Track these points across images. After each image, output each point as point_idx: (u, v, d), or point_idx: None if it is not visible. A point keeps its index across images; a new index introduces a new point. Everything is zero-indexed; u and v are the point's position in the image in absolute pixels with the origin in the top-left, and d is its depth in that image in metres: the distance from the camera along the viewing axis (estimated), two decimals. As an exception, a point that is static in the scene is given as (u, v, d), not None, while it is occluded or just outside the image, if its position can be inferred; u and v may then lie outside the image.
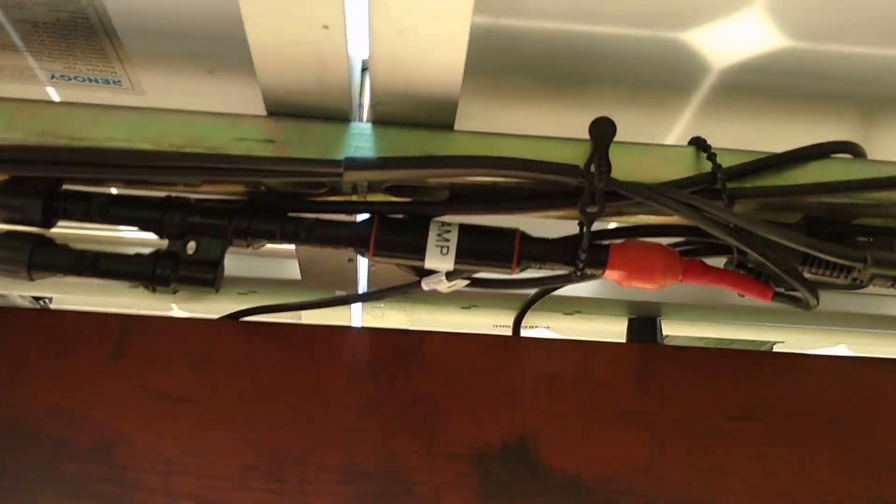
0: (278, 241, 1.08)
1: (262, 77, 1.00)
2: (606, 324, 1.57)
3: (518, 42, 1.04)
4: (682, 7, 0.99)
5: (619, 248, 1.07)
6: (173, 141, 1.04)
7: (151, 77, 1.15)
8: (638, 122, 1.13)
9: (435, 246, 1.06)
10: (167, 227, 1.07)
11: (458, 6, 0.86)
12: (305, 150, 1.03)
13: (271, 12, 0.89)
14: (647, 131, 1.15)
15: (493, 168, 1.01)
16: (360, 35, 1.02)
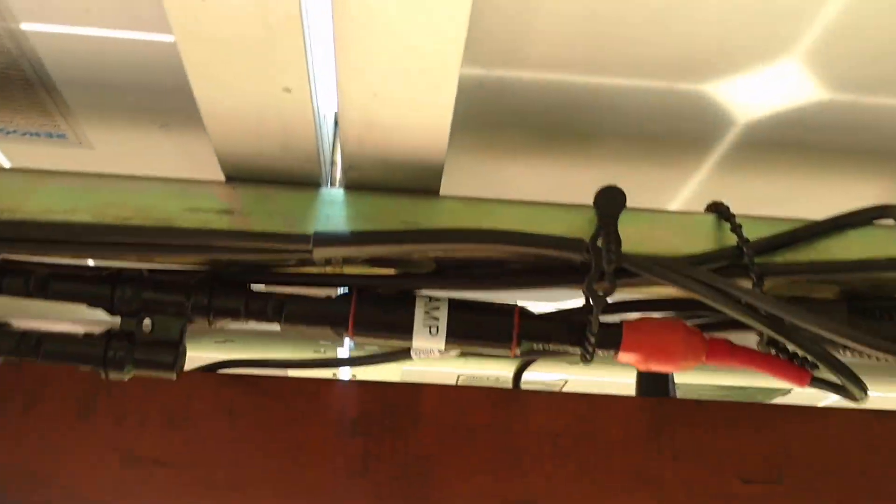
0: (243, 320, 0.94)
1: (216, 141, 0.86)
2: (614, 372, 1.44)
3: (513, 94, 0.91)
4: (710, 58, 0.85)
5: (633, 327, 0.94)
6: (118, 212, 0.90)
7: (98, 131, 1.01)
8: (645, 179, 0.99)
9: (423, 325, 0.92)
10: (118, 304, 0.94)
11: (442, 68, 0.73)
12: (268, 222, 0.90)
13: (222, 76, 0.75)
14: (653, 189, 1.02)
15: (486, 243, 0.88)
16: (330, 94, 0.88)
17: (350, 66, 0.73)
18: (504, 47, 0.84)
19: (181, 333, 0.94)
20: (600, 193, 0.88)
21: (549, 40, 0.84)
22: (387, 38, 0.69)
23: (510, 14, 0.78)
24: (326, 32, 0.78)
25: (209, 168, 0.93)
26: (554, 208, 0.92)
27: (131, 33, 0.85)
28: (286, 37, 0.70)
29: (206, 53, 0.73)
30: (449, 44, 0.70)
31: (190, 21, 0.69)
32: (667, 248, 0.91)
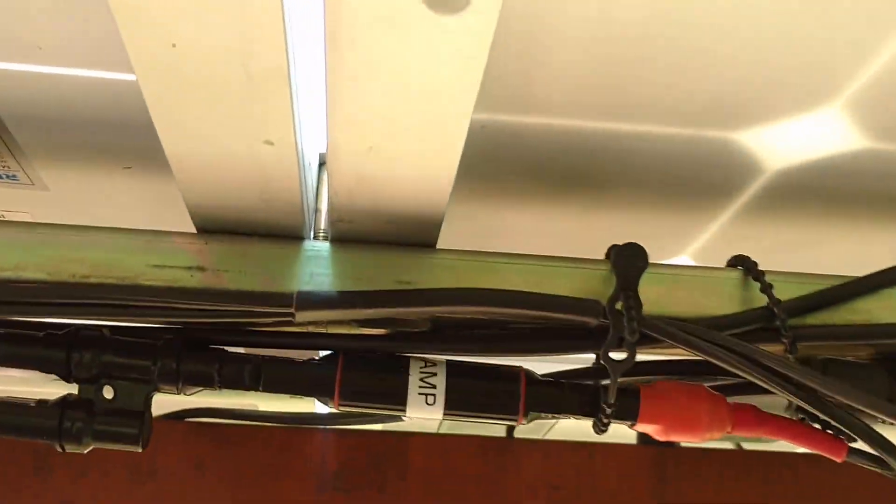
0: (217, 387, 0.84)
1: (186, 193, 0.75)
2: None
3: (518, 140, 0.81)
4: (744, 105, 0.76)
5: (652, 395, 0.84)
6: (74, 268, 0.79)
7: (53, 171, 0.91)
8: (658, 228, 0.90)
9: (418, 394, 0.82)
10: (75, 370, 0.83)
11: (451, 121, 0.63)
12: (245, 281, 0.80)
13: (194, 128, 0.65)
14: (667, 238, 0.93)
15: (490, 305, 0.78)
16: (315, 137, 0.78)
17: (343, 119, 0.63)
18: (510, 91, 0.74)
19: (146, 402, 0.84)
20: (619, 251, 0.79)
21: (562, 84, 0.75)
22: (388, 89, 0.59)
23: (519, 56, 0.69)
24: (315, 78, 0.68)
25: (179, 216, 0.82)
26: (563, 264, 0.83)
27: (90, 72, 0.75)
28: (270, 89, 0.60)
29: (176, 104, 0.62)
30: (461, 94, 0.60)
31: (158, 70, 0.59)
32: (690, 309, 0.82)
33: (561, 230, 0.93)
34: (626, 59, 0.72)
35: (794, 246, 0.92)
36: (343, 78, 0.58)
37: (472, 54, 0.56)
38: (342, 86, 0.59)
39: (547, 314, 0.78)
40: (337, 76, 0.58)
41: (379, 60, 0.57)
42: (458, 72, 0.57)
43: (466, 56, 0.56)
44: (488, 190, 0.88)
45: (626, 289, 0.78)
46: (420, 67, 0.57)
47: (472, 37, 0.54)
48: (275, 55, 0.57)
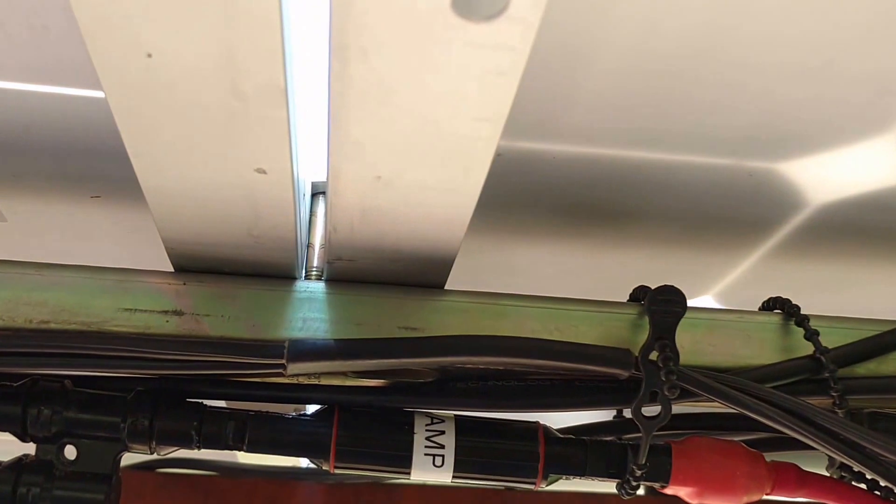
0: (196, 447, 0.74)
1: (162, 226, 0.66)
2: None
3: (539, 169, 0.72)
4: (791, 134, 0.67)
5: (684, 452, 0.75)
6: (32, 313, 0.70)
7: (10, 200, 0.80)
8: (685, 265, 0.81)
9: (424, 454, 0.73)
10: (32, 427, 0.73)
11: (474, 150, 0.53)
12: (229, 327, 0.70)
13: (173, 156, 0.55)
14: (694, 275, 0.84)
15: (507, 355, 0.69)
16: (310, 162, 0.69)
17: (348, 144, 0.53)
18: (533, 116, 0.65)
19: (115, 463, 0.74)
20: (654, 294, 0.69)
21: (592, 109, 0.66)
22: (404, 109, 0.50)
23: (546, 77, 0.59)
24: (312, 95, 0.59)
25: (154, 252, 0.72)
26: (586, 307, 0.74)
27: (51, 88, 0.65)
28: (264, 108, 0.50)
29: (152, 125, 0.52)
30: (490, 117, 0.51)
31: (130, 85, 0.49)
32: (727, 359, 0.74)
33: (577, 268, 0.84)
34: (665, 90, 0.63)
35: (826, 287, 0.83)
36: (350, 95, 0.49)
37: (506, 70, 0.47)
38: (349, 104, 0.50)
39: (573, 365, 0.69)
40: (343, 93, 0.49)
41: (394, 75, 0.47)
42: (487, 91, 0.48)
43: (498, 72, 0.47)
44: (500, 224, 0.79)
45: (661, 337, 0.69)
46: (443, 84, 0.48)
47: (507, 50, 0.45)
48: (270, 69, 0.48)
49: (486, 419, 0.76)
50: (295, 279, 0.73)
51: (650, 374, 0.68)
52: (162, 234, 0.67)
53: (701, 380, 0.69)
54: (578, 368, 0.69)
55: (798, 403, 0.69)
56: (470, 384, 0.75)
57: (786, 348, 0.75)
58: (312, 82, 0.57)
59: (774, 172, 0.72)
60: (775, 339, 0.75)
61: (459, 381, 0.75)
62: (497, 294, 0.73)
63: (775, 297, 0.77)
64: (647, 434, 0.71)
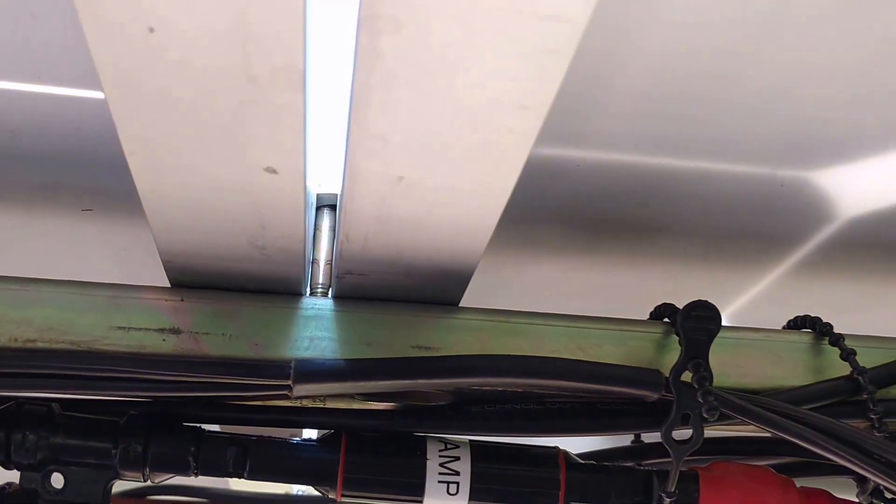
0: (193, 473, 0.65)
1: (160, 234, 0.57)
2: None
3: (560, 177, 0.65)
4: (829, 141, 0.60)
5: (712, 479, 0.68)
6: (17, 331, 0.61)
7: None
8: (703, 281, 0.73)
9: (438, 482, 0.64)
10: (16, 453, 0.64)
11: (510, 147, 0.45)
12: (229, 346, 0.62)
13: (174, 150, 0.47)
14: (713, 292, 0.76)
15: (528, 376, 0.60)
16: (318, 169, 0.60)
17: (370, 137, 0.45)
18: (559, 121, 0.57)
19: (105, 493, 0.66)
20: (687, 311, 0.61)
21: (620, 116, 0.59)
22: (439, 95, 0.42)
23: (571, 85, 0.52)
24: (330, 86, 0.51)
25: (149, 268, 0.64)
26: (608, 325, 0.66)
27: (38, 87, 0.56)
28: (280, 97, 0.42)
29: (151, 114, 0.44)
30: (534, 105, 0.43)
31: (129, 66, 0.41)
32: (757, 380, 0.66)
33: (592, 286, 0.77)
34: (697, 96, 0.56)
35: (847, 306, 0.76)
36: (377, 78, 0.41)
37: (559, 47, 0.39)
38: (374, 89, 0.42)
39: (599, 387, 0.61)
40: (368, 75, 0.41)
41: (432, 52, 0.39)
42: (536, 72, 0.40)
43: (552, 49, 0.39)
44: (515, 239, 0.71)
45: (694, 357, 0.61)
46: (489, 63, 0.40)
47: (565, 22, 0.37)
48: (289, 48, 0.40)
49: (503, 444, 0.67)
50: (301, 295, 0.64)
51: (683, 396, 0.61)
52: (159, 245, 0.58)
53: (737, 402, 0.61)
54: (605, 390, 0.61)
55: (841, 426, 0.61)
56: (486, 407, 0.67)
57: (817, 369, 0.67)
58: (329, 66, 0.49)
59: (807, 182, 0.65)
60: (806, 360, 0.67)
61: (474, 404, 0.67)
62: (515, 312, 0.65)
63: (803, 315, 0.69)
64: (678, 460, 0.63)
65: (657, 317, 0.68)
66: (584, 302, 0.67)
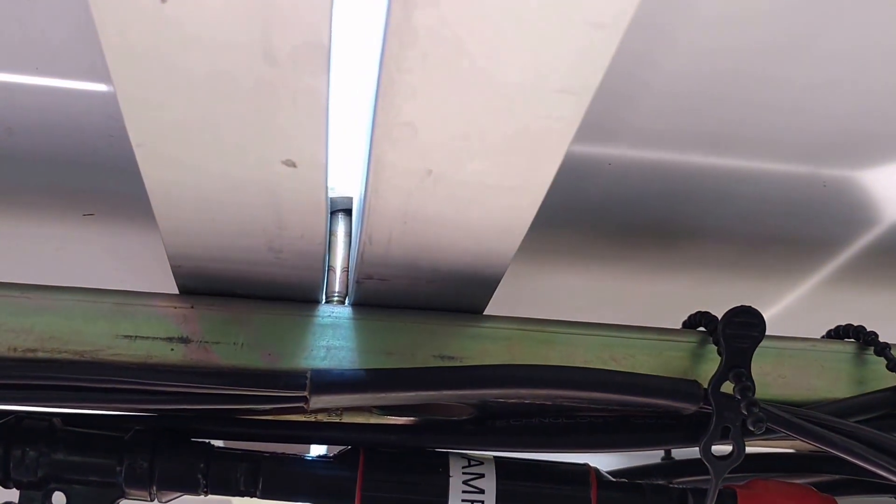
0: (203, 492, 0.61)
1: (168, 237, 0.53)
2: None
3: (592, 177, 0.61)
4: (878, 135, 0.56)
5: (751, 497, 0.64)
6: (17, 340, 0.57)
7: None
8: (736, 290, 0.69)
9: (461, 501, 0.60)
10: (15, 471, 0.60)
11: (551, 137, 0.42)
12: (242, 356, 0.58)
13: (184, 136, 0.43)
14: (747, 299, 0.71)
15: (558, 388, 0.56)
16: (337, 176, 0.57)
17: (398, 125, 0.41)
18: (592, 117, 0.53)
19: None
20: (729, 317, 0.57)
21: (657, 112, 0.55)
22: (472, 81, 0.38)
23: (607, 78, 0.48)
24: (352, 70, 0.47)
25: (154, 277, 0.60)
26: (642, 335, 0.62)
27: (38, 79, 0.53)
28: (302, 79, 0.38)
29: (161, 98, 0.40)
30: (579, 85, 0.39)
31: (137, 43, 0.37)
32: (800, 392, 0.62)
33: (620, 295, 0.73)
34: (744, 74, 0.52)
35: (887, 315, 0.71)
36: (409, 58, 0.37)
37: (609, 21, 0.35)
38: (405, 70, 0.38)
39: (635, 399, 0.57)
40: (399, 55, 0.37)
41: (471, 27, 0.36)
42: (583, 51, 0.36)
43: (601, 24, 0.35)
44: (541, 243, 0.67)
45: (736, 366, 0.57)
46: (532, 40, 0.36)
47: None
48: (313, 21, 0.36)
49: (530, 461, 0.63)
50: (317, 303, 0.61)
51: (722, 408, 0.57)
52: (168, 248, 0.54)
53: (782, 415, 0.57)
54: (640, 402, 0.57)
55: (891, 440, 0.57)
56: (511, 422, 0.63)
57: (861, 380, 0.63)
58: (353, 46, 0.45)
59: (851, 182, 0.61)
60: (850, 370, 0.63)
61: (499, 418, 0.63)
62: (543, 320, 0.61)
63: (845, 324, 0.65)
64: (718, 476, 0.59)
65: (691, 326, 0.64)
66: (611, 312, 0.63)
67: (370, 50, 0.40)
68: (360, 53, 0.45)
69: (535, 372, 0.57)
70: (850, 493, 0.68)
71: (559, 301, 0.72)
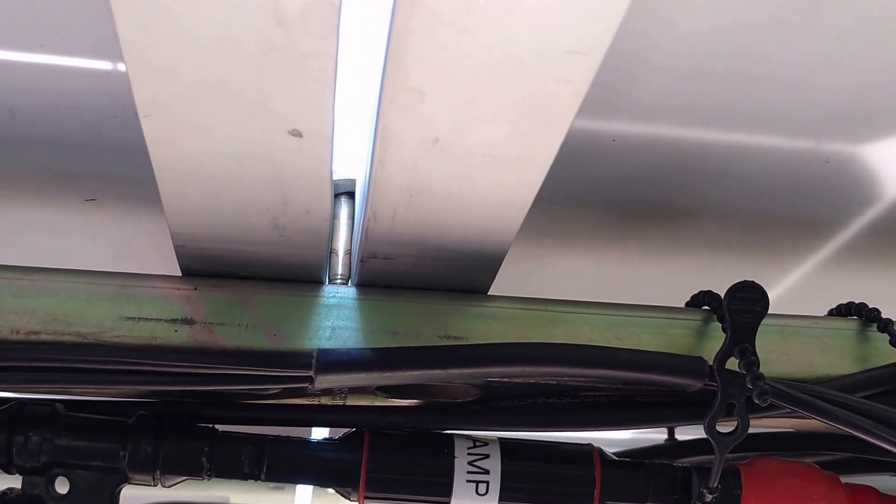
0: (206, 476, 0.60)
1: (172, 215, 0.52)
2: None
3: (594, 154, 0.60)
4: (882, 109, 0.56)
5: (754, 474, 0.63)
6: (19, 322, 0.56)
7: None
8: (738, 270, 0.69)
9: (466, 481, 0.59)
10: (18, 457, 0.59)
11: (560, 100, 0.41)
12: (246, 336, 0.57)
13: (193, 106, 0.42)
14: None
15: (565, 366, 0.56)
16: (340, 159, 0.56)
17: (405, 90, 0.41)
18: (597, 92, 0.53)
19: (113, 498, 0.60)
20: (733, 293, 0.57)
21: (662, 86, 0.55)
22: (480, 42, 0.38)
23: (612, 52, 0.48)
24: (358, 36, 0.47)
25: (157, 259, 0.59)
26: (645, 313, 0.62)
27: (41, 56, 0.52)
28: (311, 43, 0.38)
29: (169, 69, 0.40)
30: (583, 56, 0.38)
31: (146, 11, 0.36)
32: (804, 368, 0.62)
33: (625, 274, 0.72)
34: (752, 46, 0.52)
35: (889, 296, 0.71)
36: (419, 16, 0.37)
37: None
38: (415, 32, 0.37)
39: (641, 376, 0.56)
40: (410, 12, 0.37)
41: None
42: (594, 6, 0.36)
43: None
44: (543, 224, 0.67)
45: (741, 341, 0.56)
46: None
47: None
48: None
49: (535, 441, 0.63)
50: (321, 283, 0.60)
51: (727, 385, 0.56)
52: (172, 227, 0.53)
53: (787, 391, 0.56)
54: (645, 379, 0.57)
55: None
56: (516, 402, 0.62)
57: (864, 357, 0.63)
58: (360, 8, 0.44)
59: (853, 158, 0.61)
60: (853, 347, 0.63)
61: (503, 399, 0.62)
62: (548, 300, 0.60)
63: (847, 302, 0.65)
64: (722, 452, 0.58)
65: (695, 305, 0.63)
66: (614, 293, 0.62)
67: (380, 14, 0.39)
68: (370, 20, 0.44)
69: (541, 350, 0.56)
70: (852, 472, 0.68)
71: (563, 282, 0.71)
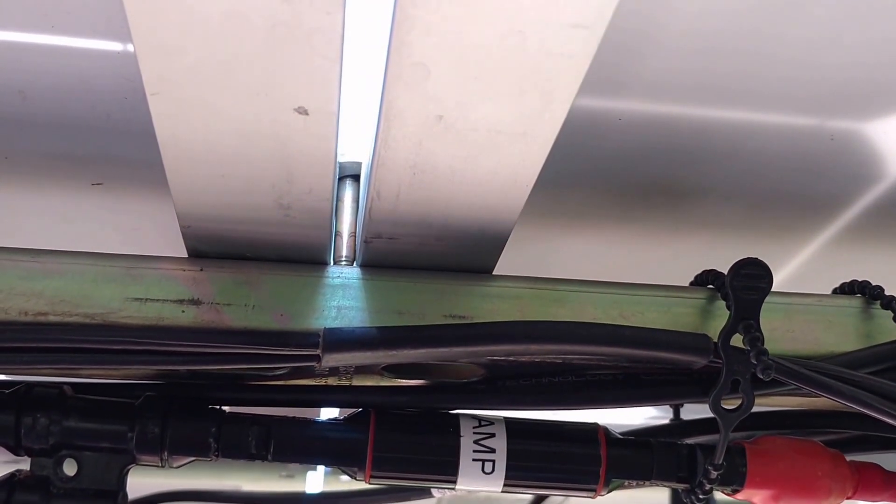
0: (214, 456, 0.61)
1: (178, 194, 0.53)
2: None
3: (599, 134, 0.61)
4: (887, 85, 0.56)
5: (759, 452, 0.64)
6: (27, 304, 0.57)
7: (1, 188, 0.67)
8: (744, 250, 0.69)
9: (472, 460, 0.60)
10: (27, 438, 0.60)
11: (561, 74, 0.42)
12: (253, 317, 0.58)
13: (200, 84, 0.43)
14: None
15: (570, 343, 0.56)
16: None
17: (410, 65, 0.41)
18: (601, 70, 0.53)
19: (121, 478, 0.61)
20: (736, 269, 0.58)
21: (667, 64, 0.55)
22: (484, 16, 0.38)
23: (616, 29, 0.48)
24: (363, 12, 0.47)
25: (164, 243, 0.60)
26: (650, 292, 0.62)
27: (50, 38, 0.52)
28: (318, 19, 0.38)
29: (176, 47, 0.40)
30: (585, 31, 0.39)
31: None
32: (809, 346, 0.62)
33: (630, 255, 0.73)
34: (750, 31, 0.52)
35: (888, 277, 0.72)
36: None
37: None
38: (420, 4, 0.38)
39: (646, 353, 0.57)
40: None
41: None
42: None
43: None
44: (548, 205, 0.67)
45: (745, 318, 0.57)
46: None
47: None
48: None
49: (540, 421, 0.63)
50: (326, 264, 0.60)
51: (732, 361, 0.57)
52: (178, 208, 0.54)
53: (791, 367, 0.57)
54: (650, 356, 0.57)
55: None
56: (521, 381, 0.63)
57: (868, 334, 0.63)
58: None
59: (859, 135, 0.61)
60: (858, 324, 0.63)
61: (509, 378, 0.63)
62: (553, 279, 0.61)
63: (850, 280, 0.65)
64: (727, 429, 0.59)
65: (700, 284, 0.64)
66: (621, 273, 0.63)
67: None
68: None
69: (547, 327, 0.56)
70: (857, 451, 0.68)
71: (569, 264, 0.72)
